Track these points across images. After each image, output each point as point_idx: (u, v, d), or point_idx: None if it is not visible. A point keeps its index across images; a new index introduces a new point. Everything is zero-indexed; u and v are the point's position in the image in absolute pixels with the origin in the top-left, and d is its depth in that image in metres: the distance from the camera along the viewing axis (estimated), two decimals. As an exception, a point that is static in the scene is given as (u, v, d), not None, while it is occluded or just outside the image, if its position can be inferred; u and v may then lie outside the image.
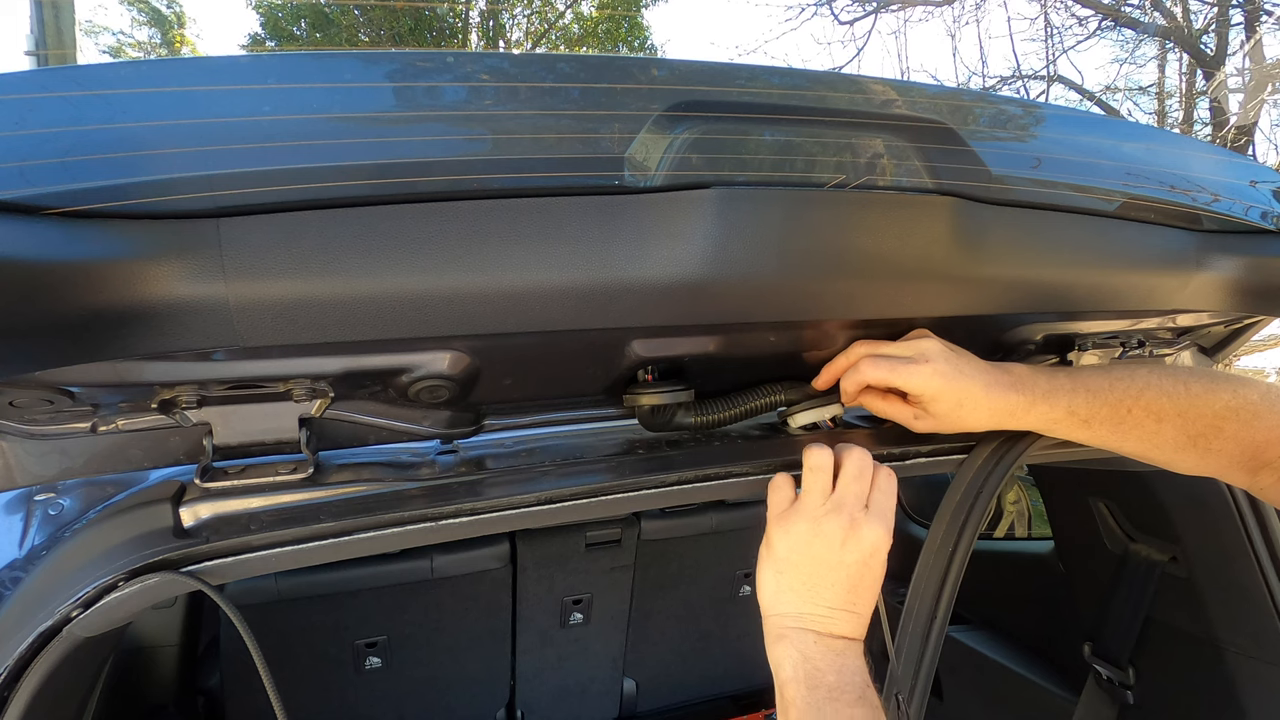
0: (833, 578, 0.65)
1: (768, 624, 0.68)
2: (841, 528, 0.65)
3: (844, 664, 0.63)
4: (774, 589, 0.68)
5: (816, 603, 0.66)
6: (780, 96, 0.62)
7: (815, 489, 0.68)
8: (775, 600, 0.68)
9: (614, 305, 0.60)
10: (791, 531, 0.66)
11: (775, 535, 0.68)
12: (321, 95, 0.51)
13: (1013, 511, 2.85)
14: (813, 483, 0.68)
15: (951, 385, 0.72)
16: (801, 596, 0.66)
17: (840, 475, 0.68)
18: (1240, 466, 0.71)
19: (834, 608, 0.65)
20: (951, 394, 0.72)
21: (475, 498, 0.68)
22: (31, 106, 0.45)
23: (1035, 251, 0.73)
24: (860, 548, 0.65)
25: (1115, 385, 0.71)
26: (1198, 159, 0.84)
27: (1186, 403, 0.70)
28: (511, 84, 0.55)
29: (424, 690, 1.70)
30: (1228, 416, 0.69)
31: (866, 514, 0.66)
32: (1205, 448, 0.70)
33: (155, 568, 0.60)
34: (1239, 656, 1.16)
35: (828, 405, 0.86)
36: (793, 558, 0.66)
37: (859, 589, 0.66)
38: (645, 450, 0.81)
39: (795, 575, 0.66)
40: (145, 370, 0.59)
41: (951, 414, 0.73)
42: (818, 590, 0.66)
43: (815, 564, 0.66)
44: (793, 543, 0.66)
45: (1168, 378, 0.71)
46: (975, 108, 0.72)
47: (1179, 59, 7.94)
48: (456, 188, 0.53)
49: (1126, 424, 0.71)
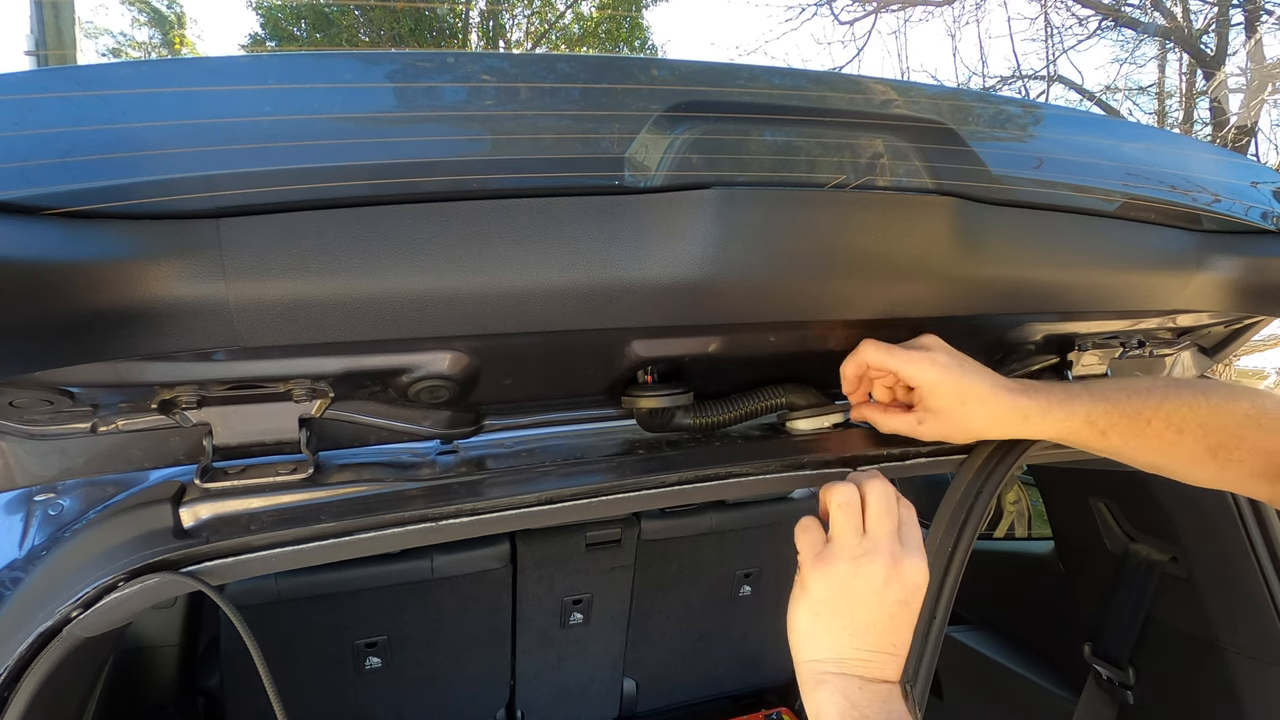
0: (874, 619, 0.63)
1: (802, 670, 0.65)
2: (884, 566, 0.63)
3: (891, 710, 0.61)
4: (809, 632, 0.65)
5: (858, 646, 0.63)
6: (780, 96, 0.62)
7: (848, 528, 0.65)
8: (812, 644, 0.65)
9: (614, 305, 0.60)
10: (830, 573, 0.63)
11: (812, 578, 0.64)
12: (322, 95, 0.51)
13: (1013, 511, 2.86)
14: (844, 522, 0.65)
15: (951, 377, 0.70)
16: (840, 640, 0.63)
17: (868, 511, 0.66)
18: (1261, 477, 0.69)
19: (875, 650, 0.63)
20: (952, 387, 0.70)
21: (475, 498, 0.68)
22: (31, 106, 0.45)
23: (1035, 251, 0.73)
24: (904, 586, 0.63)
25: (1134, 396, 0.70)
26: (1198, 159, 0.84)
27: (1208, 413, 0.68)
28: (512, 84, 0.55)
29: (424, 690, 1.70)
30: (1249, 425, 0.68)
31: (905, 550, 0.64)
32: (1226, 459, 0.69)
33: (155, 568, 0.60)
34: (1239, 656, 1.16)
35: (829, 411, 0.86)
36: (833, 600, 0.63)
37: (899, 629, 0.64)
38: (645, 450, 0.81)
39: (835, 618, 0.64)
40: (145, 370, 0.59)
41: (955, 411, 0.71)
42: (859, 633, 0.63)
43: (857, 606, 0.63)
44: (832, 585, 0.63)
45: (1187, 388, 0.70)
46: (975, 108, 0.72)
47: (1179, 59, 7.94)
48: (457, 188, 0.53)
49: (1145, 435, 0.70)
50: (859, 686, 0.62)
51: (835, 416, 0.86)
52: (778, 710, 2.04)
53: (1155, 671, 1.31)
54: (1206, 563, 1.18)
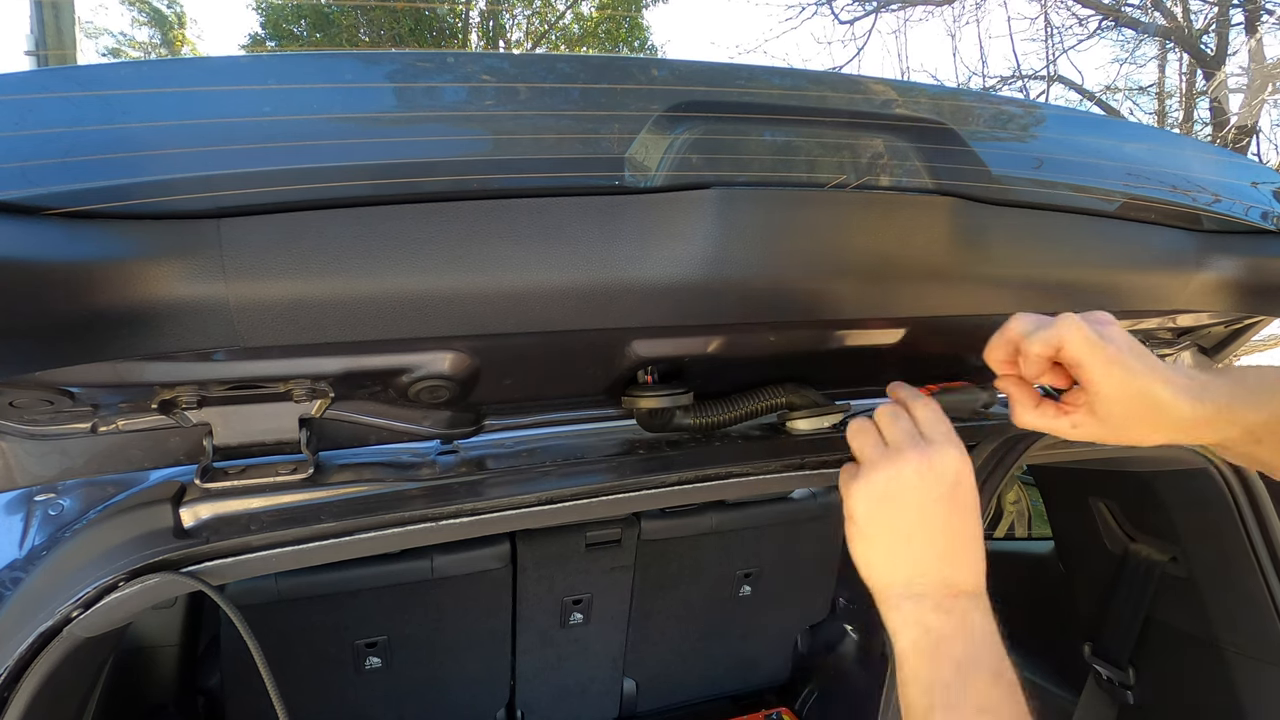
0: (921, 524, 0.59)
1: (879, 597, 0.62)
2: (912, 464, 0.60)
3: (972, 627, 0.57)
4: (868, 561, 0.62)
5: (921, 560, 0.59)
6: (780, 96, 0.62)
7: (866, 445, 0.63)
8: (877, 572, 0.62)
9: (614, 305, 0.60)
10: (861, 491, 0.61)
11: (850, 502, 0.62)
12: (322, 95, 0.51)
13: (1013, 511, 2.86)
14: (862, 443, 0.64)
15: (1139, 383, 0.57)
16: (897, 558, 0.60)
17: (880, 423, 0.64)
18: None
19: (942, 558, 0.59)
20: (1136, 397, 0.57)
21: (476, 498, 0.68)
22: (32, 106, 0.45)
23: (1035, 252, 0.73)
24: (940, 479, 0.60)
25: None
26: (1198, 159, 0.84)
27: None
28: (512, 84, 0.55)
29: (424, 690, 1.70)
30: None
31: (930, 443, 0.61)
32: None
33: (155, 568, 0.60)
34: (1239, 656, 1.16)
35: (829, 411, 0.86)
36: (873, 517, 0.61)
37: (955, 530, 0.60)
38: (645, 450, 0.81)
39: (886, 537, 0.60)
40: (145, 370, 0.59)
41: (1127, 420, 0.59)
42: (915, 544, 0.60)
43: (897, 516, 0.60)
44: (867, 501, 0.61)
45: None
46: (975, 108, 0.72)
47: (1179, 59, 7.94)
48: (457, 188, 0.53)
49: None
50: (932, 607, 0.58)
51: (835, 416, 0.86)
52: (778, 710, 2.04)
53: (1155, 671, 1.31)
54: (1206, 563, 1.18)
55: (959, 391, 0.89)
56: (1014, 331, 0.61)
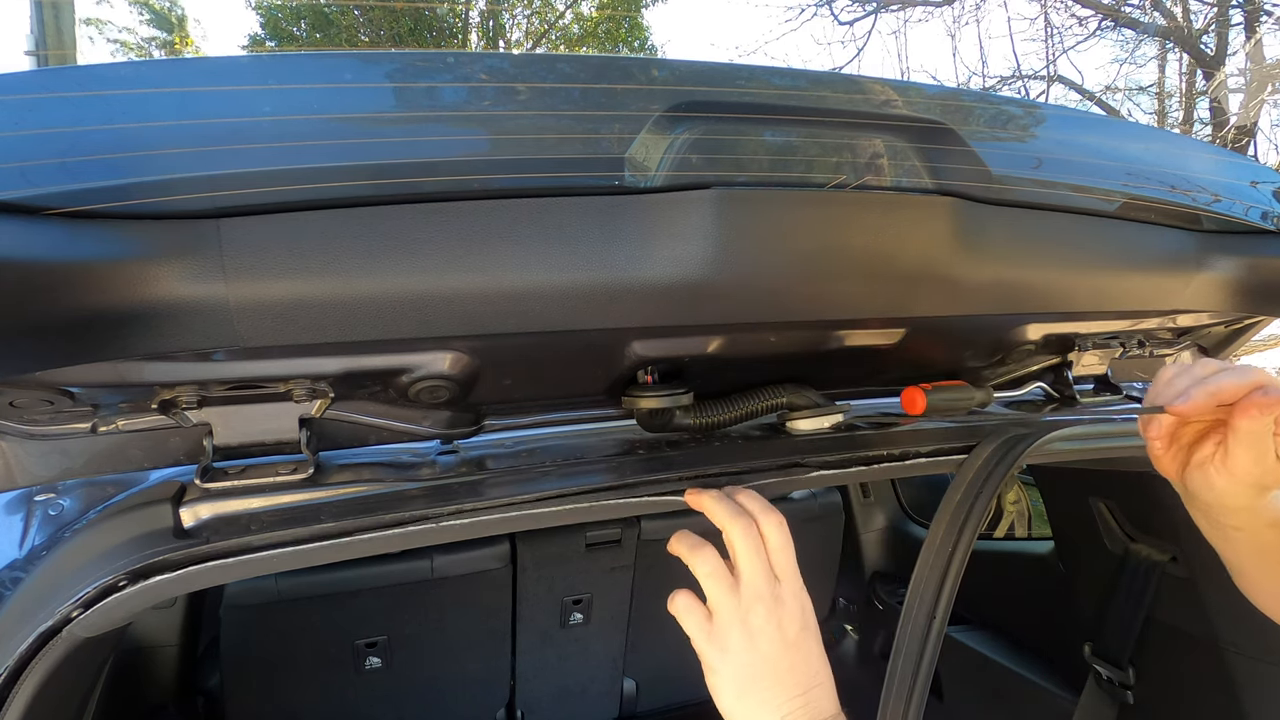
0: (788, 664, 0.61)
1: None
2: (772, 613, 0.61)
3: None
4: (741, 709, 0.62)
5: (789, 696, 0.61)
6: (780, 97, 0.62)
7: (722, 594, 0.62)
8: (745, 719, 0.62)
9: (614, 305, 0.60)
10: (728, 648, 0.61)
11: (713, 659, 0.62)
12: (322, 96, 0.51)
13: (1013, 511, 2.86)
14: (717, 590, 0.62)
15: None
16: (774, 703, 0.61)
17: (735, 558, 0.63)
18: None
19: (805, 690, 0.61)
20: None
21: (476, 498, 0.68)
22: (31, 106, 0.45)
23: (1035, 252, 0.73)
24: (795, 616, 0.62)
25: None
26: (1198, 159, 0.84)
27: None
28: (512, 84, 0.55)
29: (424, 690, 1.70)
30: None
31: (780, 584, 0.63)
32: None
33: (156, 568, 0.60)
34: (1239, 656, 1.16)
35: (829, 411, 0.86)
36: (745, 670, 0.61)
37: (811, 658, 0.63)
38: (646, 450, 0.81)
39: (758, 685, 0.61)
40: (145, 370, 0.59)
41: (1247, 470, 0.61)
42: (783, 684, 0.61)
43: (766, 663, 0.61)
44: (735, 658, 0.61)
45: None
46: (975, 108, 0.72)
47: (1179, 59, 7.94)
48: (457, 188, 0.53)
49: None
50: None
51: (835, 417, 0.86)
52: (778, 710, 2.04)
53: (1155, 671, 1.31)
54: (1206, 563, 1.18)
55: (955, 391, 0.89)
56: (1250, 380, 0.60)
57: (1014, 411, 1.00)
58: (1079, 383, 1.03)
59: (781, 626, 0.62)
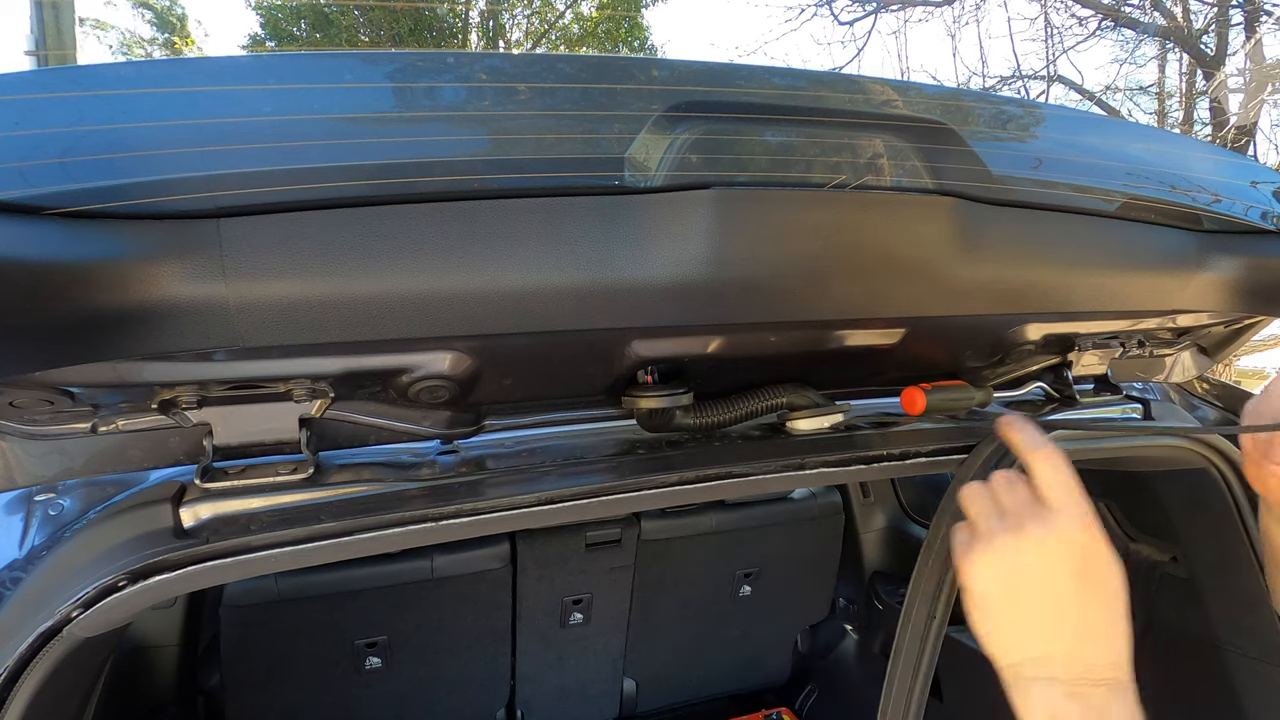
0: (1051, 601, 0.55)
1: (1004, 675, 0.58)
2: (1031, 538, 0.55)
3: None
4: (990, 636, 0.57)
5: (1050, 639, 0.55)
6: (780, 97, 0.62)
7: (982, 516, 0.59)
8: (1001, 649, 0.57)
9: (614, 305, 0.60)
10: (981, 569, 0.57)
11: (968, 579, 0.58)
12: (322, 96, 0.51)
13: (1013, 511, 2.84)
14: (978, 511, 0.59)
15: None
16: (1028, 636, 0.55)
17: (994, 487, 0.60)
18: None
19: (1075, 637, 0.55)
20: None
21: (476, 498, 0.68)
22: (31, 106, 0.45)
23: (1035, 252, 0.73)
24: (1067, 552, 0.55)
25: None
26: (1198, 159, 0.84)
27: None
28: (512, 84, 0.55)
29: (424, 690, 1.70)
30: None
31: (1050, 510, 0.57)
32: None
33: (156, 568, 0.60)
34: (1239, 656, 1.16)
35: (829, 411, 0.86)
36: (995, 594, 0.56)
37: (1090, 604, 0.55)
38: (646, 450, 0.81)
39: (1008, 614, 0.56)
40: (145, 370, 0.59)
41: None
42: (1042, 622, 0.55)
43: (1023, 593, 0.55)
44: (988, 580, 0.57)
45: None
46: (975, 108, 0.72)
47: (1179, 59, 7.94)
48: (457, 188, 0.53)
49: None
50: (1063, 694, 0.54)
51: (835, 417, 0.86)
52: (778, 710, 2.04)
53: (1155, 671, 1.31)
54: (1206, 563, 1.18)
55: (954, 390, 0.89)
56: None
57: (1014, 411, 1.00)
58: (1079, 383, 1.03)
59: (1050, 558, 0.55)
